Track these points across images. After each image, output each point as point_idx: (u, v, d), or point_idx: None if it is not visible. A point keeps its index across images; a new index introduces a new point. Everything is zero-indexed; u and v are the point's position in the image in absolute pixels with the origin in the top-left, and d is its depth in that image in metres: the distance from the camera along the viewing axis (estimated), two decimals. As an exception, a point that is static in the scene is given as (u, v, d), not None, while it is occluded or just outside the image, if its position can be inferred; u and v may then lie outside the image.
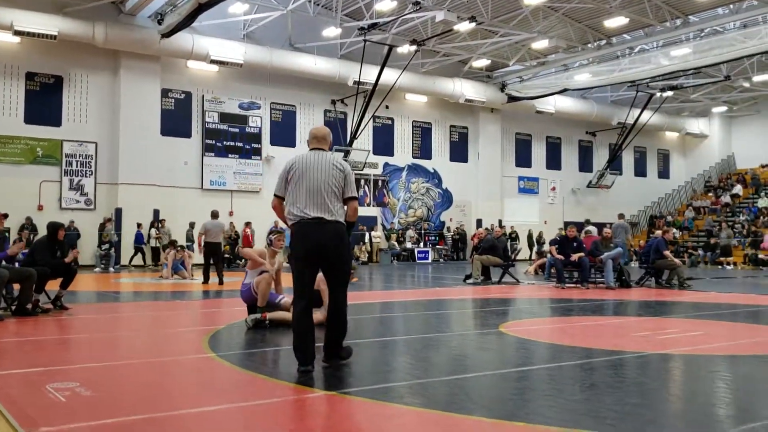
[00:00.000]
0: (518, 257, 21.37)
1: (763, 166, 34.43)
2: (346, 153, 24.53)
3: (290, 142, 25.69)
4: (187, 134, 23.72)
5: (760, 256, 23.99)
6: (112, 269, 20.06)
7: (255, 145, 24.84)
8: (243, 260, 23.07)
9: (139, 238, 21.79)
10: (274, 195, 5.46)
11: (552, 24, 24.66)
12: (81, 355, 6.25)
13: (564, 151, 33.60)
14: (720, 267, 24.65)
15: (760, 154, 34.76)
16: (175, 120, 23.37)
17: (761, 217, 28.49)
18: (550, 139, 33.08)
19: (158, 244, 21.50)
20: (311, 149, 5.53)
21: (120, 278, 17.18)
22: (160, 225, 21.88)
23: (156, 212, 22.34)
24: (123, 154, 22.00)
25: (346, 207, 5.33)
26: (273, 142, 25.30)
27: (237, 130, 24.48)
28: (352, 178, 5.39)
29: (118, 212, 21.89)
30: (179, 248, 16.76)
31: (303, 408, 4.22)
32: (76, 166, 21.80)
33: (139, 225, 21.72)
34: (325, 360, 5.37)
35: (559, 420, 3.86)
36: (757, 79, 30.01)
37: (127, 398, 4.38)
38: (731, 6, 22.14)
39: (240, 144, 24.53)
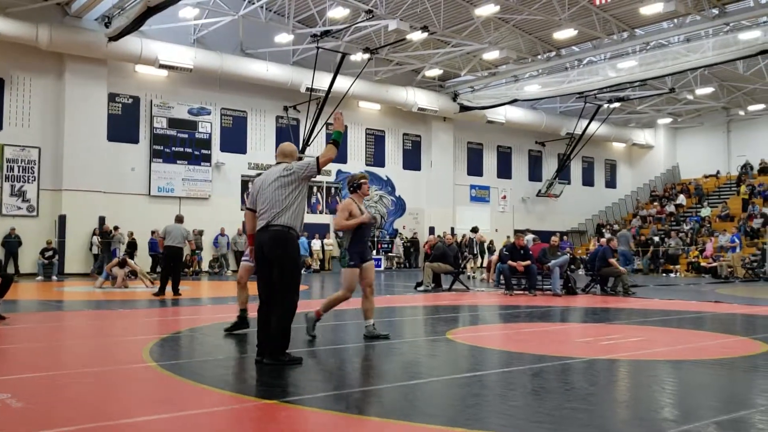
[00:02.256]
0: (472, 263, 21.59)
1: (705, 177, 35.55)
2: (299, 160, 24.35)
3: (241, 149, 25.44)
4: (135, 140, 23.24)
5: (702, 264, 24.70)
6: (54, 278, 19.47)
7: (204, 151, 24.49)
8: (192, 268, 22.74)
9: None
10: (246, 208, 6.15)
11: (503, 35, 25.04)
12: (15, 365, 6.02)
13: (514, 160, 34.10)
14: (665, 275, 25.30)
15: (703, 165, 35.89)
16: (123, 125, 22.87)
17: (703, 227, 29.37)
18: (501, 148, 33.54)
19: (99, 252, 21.00)
20: (276, 163, 6.07)
21: (63, 287, 16.68)
22: (112, 233, 21.36)
23: (101, 219, 21.81)
24: (68, 159, 21.43)
25: (317, 167, 5.77)
26: (223, 148, 25.00)
27: (186, 135, 24.10)
28: (302, 163, 5.85)
29: (62, 219, 21.29)
30: (124, 259, 16.20)
31: (243, 418, 4.14)
32: (18, 172, 21.13)
33: (152, 233, 21.58)
34: (258, 356, 5.58)
35: (498, 425, 3.88)
36: (700, 92, 30.99)
37: (60, 409, 4.24)
38: (675, 20, 22.82)
39: (189, 150, 24.14)
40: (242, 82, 24.60)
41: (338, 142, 5.83)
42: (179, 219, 13.87)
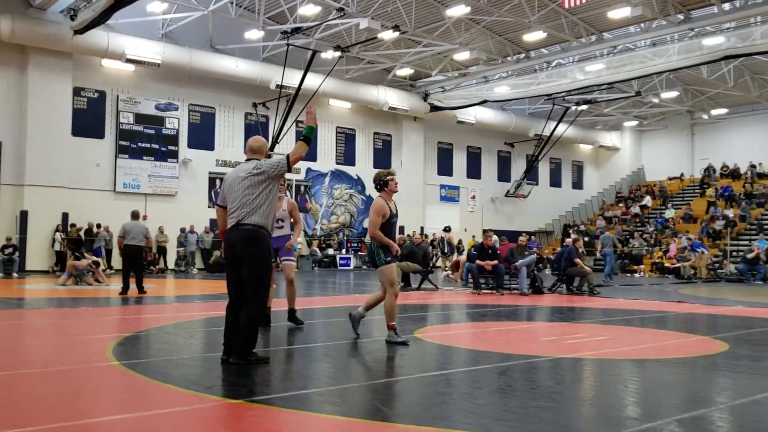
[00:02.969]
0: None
1: (670, 179, 36.20)
2: (268, 157, 24.17)
3: (209, 145, 25.18)
4: (100, 135, 22.85)
5: (666, 264, 25.13)
6: (15, 275, 19.04)
7: (171, 148, 24.18)
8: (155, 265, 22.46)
9: (187, 241, 23.11)
10: (217, 205, 6.07)
11: (473, 36, 25.18)
12: (-28, 364, 5.87)
13: (484, 160, 34.33)
14: (629, 275, 25.68)
15: (668, 167, 36.55)
16: (88, 120, 22.46)
17: (667, 228, 29.89)
18: (470, 148, 33.73)
19: (63, 248, 20.63)
20: (246, 160, 5.98)
21: (24, 284, 16.33)
22: (96, 231, 21.07)
23: (65, 215, 21.41)
24: (30, 154, 20.97)
25: (288, 165, 5.74)
26: (190, 145, 24.71)
27: (153, 131, 23.76)
28: (272, 161, 5.77)
29: (24, 215, 20.84)
30: (78, 255, 15.90)
31: (208, 418, 4.09)
32: (-21, 166, 20.63)
33: (191, 228, 22.43)
34: (224, 355, 5.57)
35: (464, 424, 3.89)
36: (665, 95, 31.53)
37: (22, 409, 4.14)
38: (642, 25, 23.17)
39: (156, 146, 23.81)
40: (211, 78, 24.35)
41: (309, 138, 5.78)
42: (136, 215, 13.46)
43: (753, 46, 21.58)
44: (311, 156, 27.66)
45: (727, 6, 20.76)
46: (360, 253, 28.44)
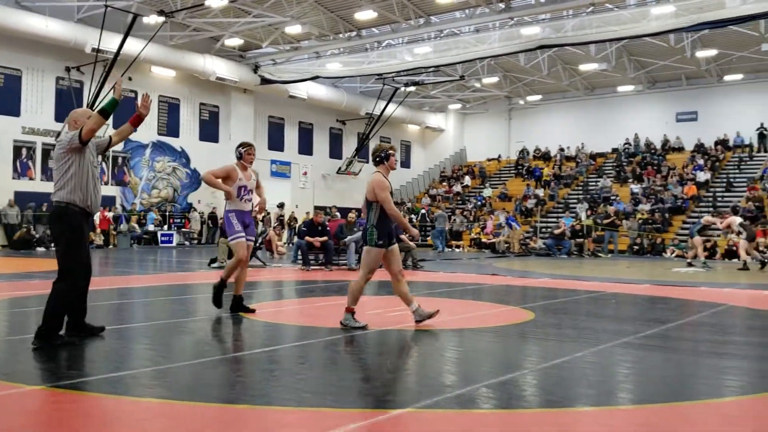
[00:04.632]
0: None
1: (489, 160, 38.48)
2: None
3: (14, 111, 22.84)
4: None
5: (483, 240, 26.74)
6: None
7: (-31, 112, 21.67)
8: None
9: None
10: None
11: (305, 10, 24.92)
12: None
13: (316, 137, 34.34)
14: (450, 249, 27.03)
15: (487, 149, 38.82)
16: None
17: (485, 206, 31.79)
18: (302, 124, 33.56)
19: None
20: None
21: None
22: None
23: None
24: None
25: (80, 138, 5.29)
26: (-7, 109, 22.30)
27: (-54, 92, 21.14)
28: (71, 134, 5.33)
29: None
30: None
31: (4, 405, 3.70)
32: None
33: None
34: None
35: (282, 399, 3.86)
36: (486, 81, 33.35)
37: None
38: (467, 11, 24.22)
39: (-51, 109, 21.21)
40: (17, 38, 22.03)
41: (108, 111, 5.30)
42: None
43: (565, 37, 23.33)
44: (132, 126, 26.02)
45: (543, -2, 22.27)
46: (183, 229, 27.32)
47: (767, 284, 12.50)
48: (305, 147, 33.74)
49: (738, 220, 16.85)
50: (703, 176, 28.98)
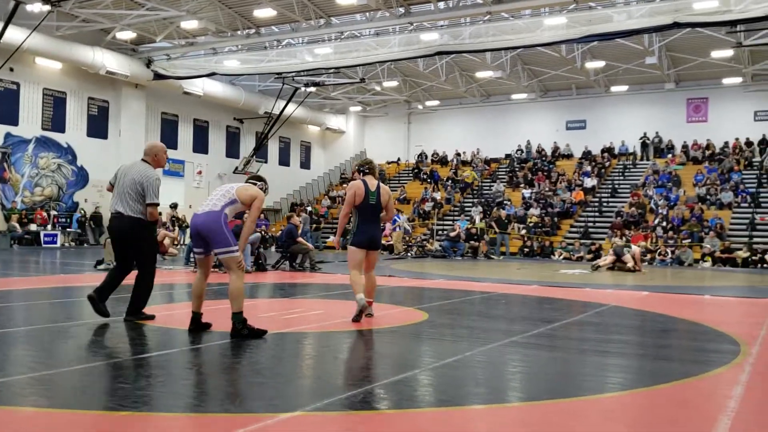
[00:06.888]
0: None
1: (389, 163, 38.85)
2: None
3: None
4: None
5: (383, 242, 26.97)
6: None
7: None
8: None
9: None
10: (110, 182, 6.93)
11: (201, 5, 24.24)
12: None
13: (211, 135, 33.49)
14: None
15: (387, 151, 39.19)
16: None
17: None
18: (197, 121, 32.65)
19: None
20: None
21: None
22: None
23: None
24: None
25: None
26: None
27: None
28: (151, 185, 6.43)
29: None
30: None
31: None
32: None
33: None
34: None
35: (167, 405, 3.71)
36: (386, 84, 33.67)
37: None
38: (367, 14, 24.34)
39: None
40: None
41: None
42: None
43: (462, 44, 23.87)
44: (12, 119, 24.48)
45: (441, 5, 22.70)
46: (68, 229, 25.91)
47: (647, 286, 13.29)
48: (200, 145, 32.84)
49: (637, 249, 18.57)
50: (590, 182, 30.50)
